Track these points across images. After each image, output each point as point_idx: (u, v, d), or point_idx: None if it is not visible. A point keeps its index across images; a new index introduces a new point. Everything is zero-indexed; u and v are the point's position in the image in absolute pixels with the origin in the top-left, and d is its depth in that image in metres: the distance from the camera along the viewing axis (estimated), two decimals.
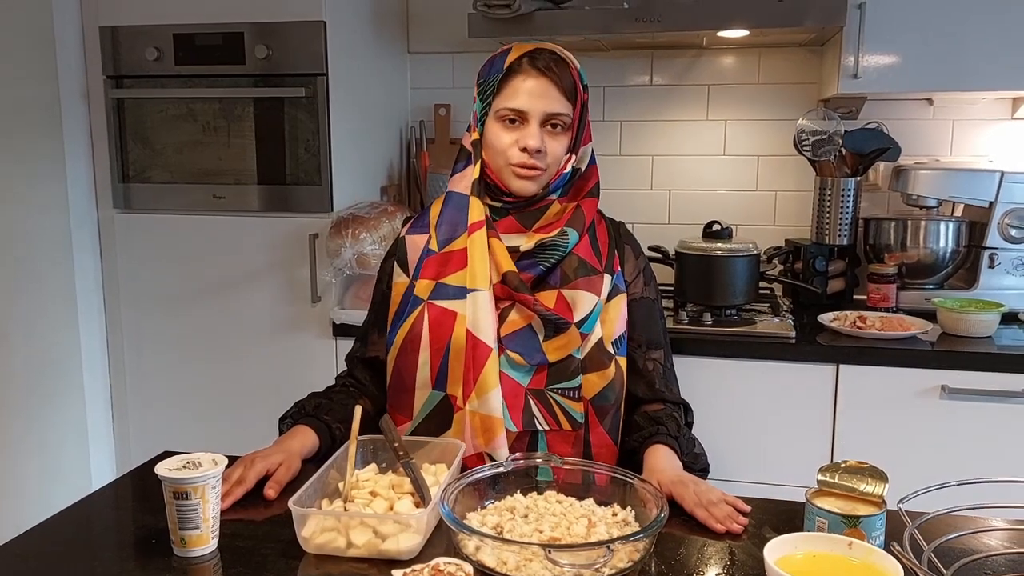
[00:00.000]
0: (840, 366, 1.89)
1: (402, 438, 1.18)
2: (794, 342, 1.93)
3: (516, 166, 1.35)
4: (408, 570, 0.95)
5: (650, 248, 2.08)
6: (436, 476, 1.16)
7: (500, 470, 1.15)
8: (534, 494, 1.13)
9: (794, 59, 2.44)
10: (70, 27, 2.22)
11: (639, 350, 1.42)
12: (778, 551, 0.91)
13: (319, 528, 1.03)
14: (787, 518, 1.11)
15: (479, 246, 1.35)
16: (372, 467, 1.20)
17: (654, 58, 2.53)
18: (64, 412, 2.27)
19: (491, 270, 1.35)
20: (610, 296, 1.39)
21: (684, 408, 1.43)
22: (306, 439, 1.32)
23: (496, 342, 1.32)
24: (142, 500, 1.21)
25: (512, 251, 1.37)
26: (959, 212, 2.30)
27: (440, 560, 0.95)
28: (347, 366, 1.51)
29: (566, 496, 1.13)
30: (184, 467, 1.03)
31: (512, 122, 1.35)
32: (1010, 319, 2.07)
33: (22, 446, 2.18)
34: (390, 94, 2.55)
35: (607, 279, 1.39)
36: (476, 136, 1.40)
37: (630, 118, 2.56)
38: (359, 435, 1.17)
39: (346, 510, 1.07)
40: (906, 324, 2.00)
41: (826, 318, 2.05)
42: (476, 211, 1.37)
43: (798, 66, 2.44)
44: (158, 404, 2.33)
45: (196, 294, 2.26)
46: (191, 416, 2.30)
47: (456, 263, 1.37)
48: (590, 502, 1.12)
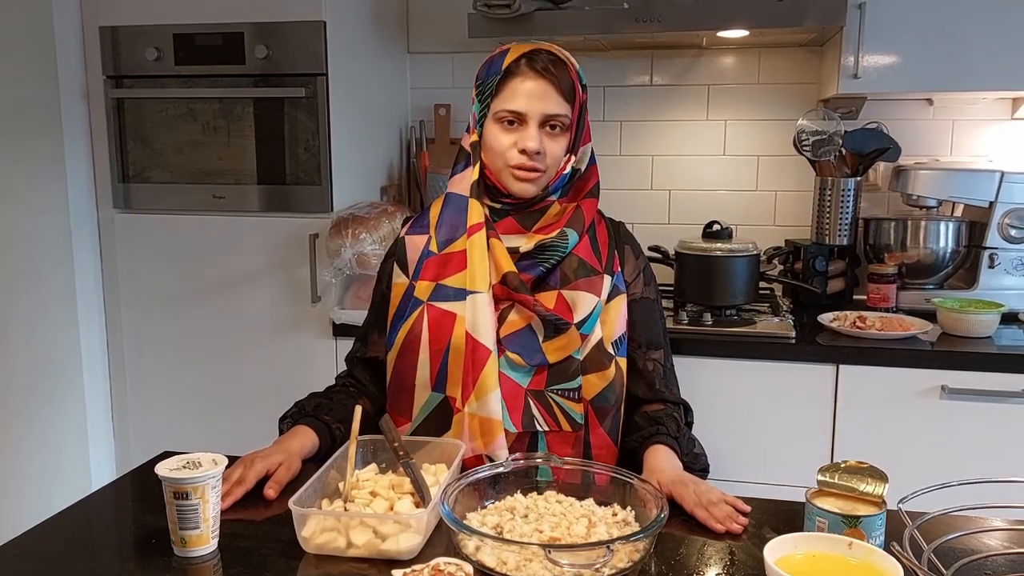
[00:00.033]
0: (840, 366, 1.89)
1: (402, 438, 1.18)
2: (794, 342, 1.93)
3: (515, 168, 1.35)
4: (408, 570, 0.95)
5: (650, 248, 2.08)
6: (436, 476, 1.16)
7: (500, 470, 1.15)
8: (534, 494, 1.13)
9: (794, 59, 2.44)
10: (70, 27, 2.22)
11: (639, 350, 1.42)
12: (778, 551, 0.91)
13: (319, 528, 1.03)
14: (787, 518, 1.11)
15: (478, 248, 1.35)
16: (372, 467, 1.20)
17: (654, 58, 2.53)
18: (64, 412, 2.27)
19: (491, 271, 1.35)
20: (610, 297, 1.39)
21: (684, 408, 1.43)
22: (306, 439, 1.32)
23: (495, 344, 1.32)
24: (142, 500, 1.21)
25: (512, 252, 1.37)
26: (959, 212, 2.30)
27: (440, 560, 0.95)
28: (347, 366, 1.51)
29: (566, 496, 1.13)
30: (184, 467, 1.03)
31: (511, 124, 1.35)
32: (1010, 319, 2.07)
33: (22, 446, 2.18)
34: (390, 94, 2.55)
35: (607, 280, 1.39)
36: (475, 138, 1.40)
37: (630, 118, 2.56)
38: (359, 435, 1.17)
39: (346, 510, 1.07)
40: (906, 324, 2.00)
41: (826, 318, 2.05)
42: (475, 213, 1.37)
43: (798, 66, 2.44)
44: (158, 404, 2.33)
45: (196, 294, 2.26)
46: (191, 416, 2.30)
47: (456, 265, 1.37)
48: (590, 502, 1.12)
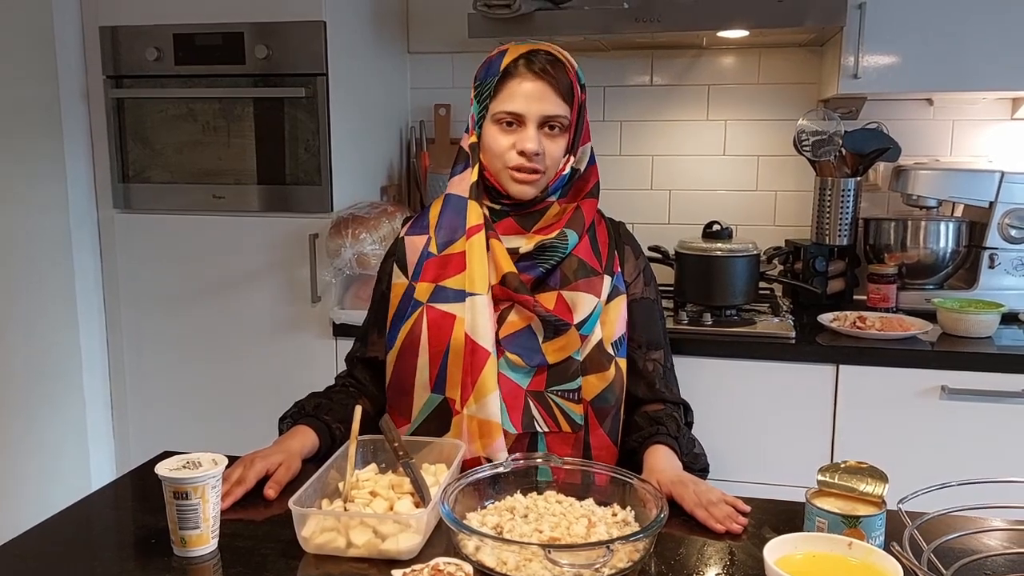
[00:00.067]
0: (840, 366, 1.89)
1: (402, 438, 1.18)
2: (794, 342, 1.93)
3: (514, 169, 1.35)
4: (408, 570, 0.95)
5: (650, 248, 2.08)
6: (436, 476, 1.16)
7: (500, 470, 1.15)
8: (534, 494, 1.13)
9: (794, 59, 2.44)
10: (70, 27, 2.22)
11: (639, 351, 1.42)
12: (778, 551, 0.91)
13: (319, 528, 1.03)
14: (787, 518, 1.11)
15: (477, 250, 1.35)
16: (372, 467, 1.20)
17: (654, 58, 2.53)
18: (64, 412, 2.27)
19: (491, 272, 1.35)
20: (610, 297, 1.38)
21: (684, 408, 1.43)
22: (306, 439, 1.31)
23: (494, 346, 1.32)
24: (142, 500, 1.21)
25: (512, 252, 1.36)
26: (959, 212, 2.30)
27: (440, 560, 0.95)
28: (347, 366, 1.51)
29: (566, 496, 1.13)
30: (184, 467, 1.03)
31: (509, 125, 1.35)
32: (1010, 319, 2.07)
33: (21, 446, 2.18)
34: (390, 94, 2.55)
35: (607, 280, 1.38)
36: (474, 139, 1.40)
37: (630, 118, 2.56)
38: (359, 435, 1.17)
39: (346, 510, 1.07)
40: (906, 324, 2.00)
41: (826, 318, 2.05)
42: (474, 214, 1.37)
43: (798, 66, 2.44)
44: (158, 404, 2.33)
45: (196, 294, 2.26)
46: (191, 416, 2.30)
47: (455, 266, 1.37)
48: (590, 502, 1.12)
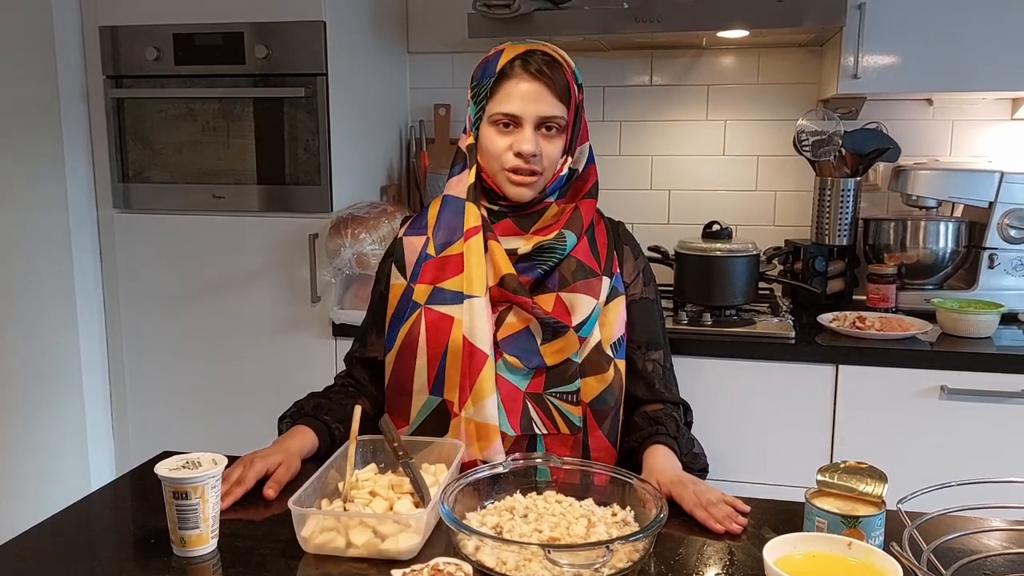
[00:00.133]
0: (839, 366, 1.89)
1: (401, 438, 1.18)
2: (793, 342, 1.93)
3: (511, 171, 1.34)
4: (408, 570, 0.95)
5: (650, 248, 2.08)
6: (436, 476, 1.16)
7: (499, 470, 1.15)
8: (533, 494, 1.13)
9: (794, 59, 2.44)
10: (70, 27, 2.22)
11: (639, 351, 1.42)
12: (777, 551, 0.91)
13: (319, 528, 1.03)
14: (786, 518, 1.11)
15: (475, 252, 1.35)
16: (372, 467, 1.20)
17: (654, 58, 2.53)
18: (63, 412, 2.27)
19: (489, 273, 1.34)
20: (609, 299, 1.38)
21: (683, 408, 1.43)
22: (305, 439, 1.31)
23: (492, 349, 1.32)
24: (142, 500, 1.21)
25: (510, 254, 1.36)
26: (959, 212, 2.30)
27: (440, 560, 0.95)
28: (346, 366, 1.51)
29: (565, 496, 1.13)
30: (184, 467, 1.03)
31: (506, 126, 1.34)
32: (1009, 319, 2.07)
33: (21, 446, 2.18)
34: (390, 94, 2.55)
35: (606, 282, 1.38)
36: (471, 140, 1.40)
37: (630, 118, 2.56)
38: (359, 435, 1.17)
39: (346, 510, 1.07)
40: (905, 324, 2.00)
41: (825, 318, 2.05)
42: (472, 216, 1.37)
43: (798, 66, 2.44)
44: (157, 404, 2.33)
45: (196, 294, 2.26)
46: (191, 416, 2.30)
47: (453, 268, 1.37)
48: (589, 502, 1.12)
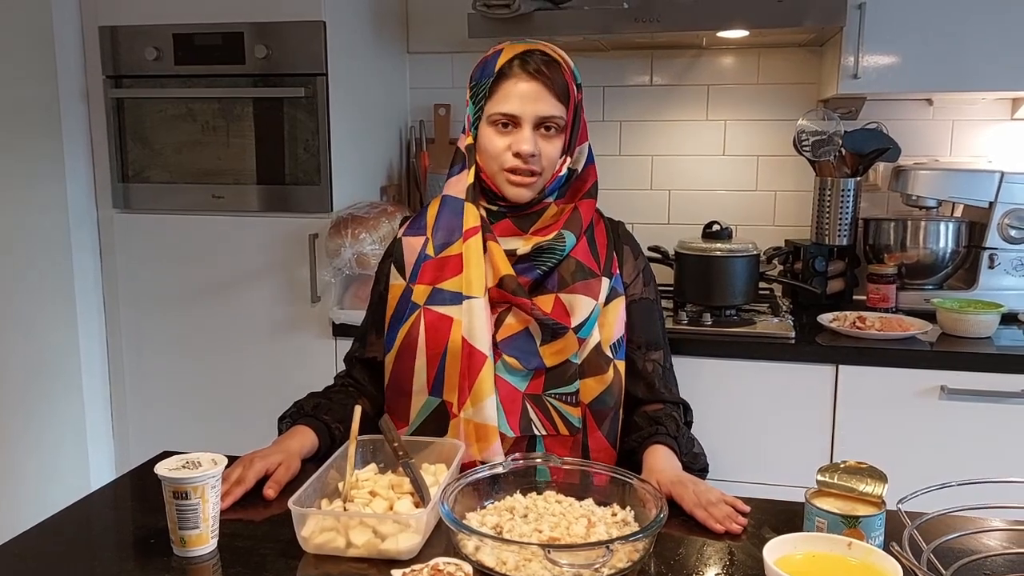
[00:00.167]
0: (839, 366, 1.89)
1: (401, 438, 1.18)
2: (793, 342, 1.93)
3: (509, 171, 1.34)
4: (407, 570, 0.95)
5: (650, 248, 2.08)
6: (436, 476, 1.16)
7: (499, 470, 1.14)
8: (533, 494, 1.13)
9: (794, 59, 2.44)
10: (69, 27, 2.22)
11: (639, 351, 1.41)
12: (777, 551, 0.91)
13: (318, 528, 1.03)
14: (786, 518, 1.11)
15: (474, 252, 1.34)
16: (372, 467, 1.20)
17: (654, 58, 2.53)
18: (63, 412, 2.27)
19: (488, 274, 1.34)
20: (608, 299, 1.38)
21: (683, 408, 1.43)
22: (305, 439, 1.31)
23: (491, 350, 1.31)
24: (141, 500, 1.21)
25: (509, 254, 1.36)
26: (959, 212, 2.30)
27: (439, 560, 0.95)
28: (345, 366, 1.51)
29: (565, 496, 1.13)
30: (184, 467, 1.03)
31: (505, 126, 1.34)
32: (1009, 320, 2.07)
33: (21, 446, 2.18)
34: (390, 94, 2.55)
35: (605, 282, 1.38)
36: (470, 140, 1.39)
37: (630, 118, 2.56)
38: (358, 435, 1.17)
39: (345, 510, 1.07)
40: (905, 324, 2.00)
41: (825, 318, 2.05)
42: (471, 217, 1.36)
43: (798, 66, 2.44)
44: (157, 404, 2.33)
45: (196, 294, 2.26)
46: (191, 416, 2.30)
47: (452, 268, 1.36)
48: (589, 502, 1.12)
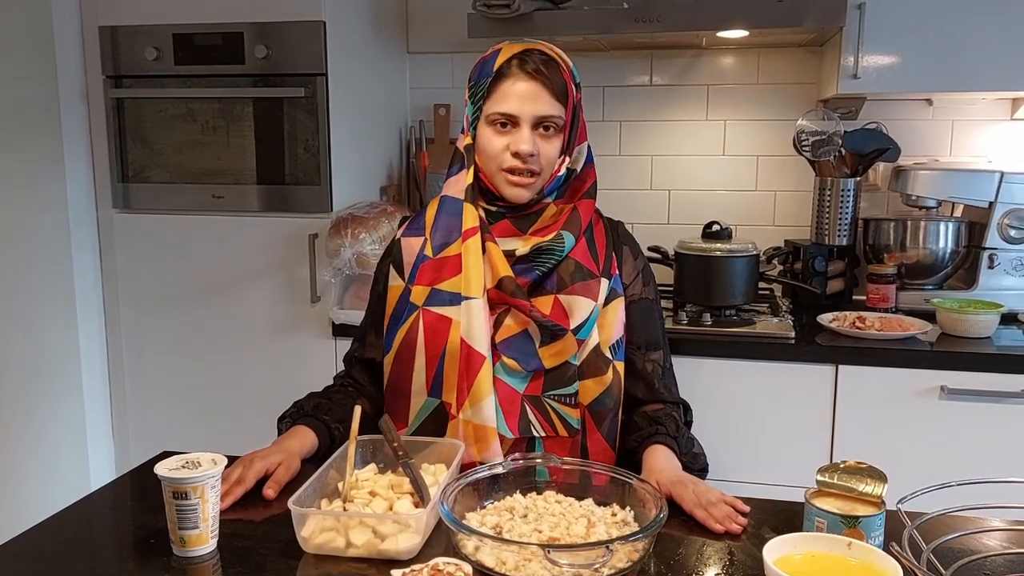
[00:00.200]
0: (839, 366, 1.89)
1: (401, 438, 1.18)
2: (793, 342, 1.93)
3: (508, 171, 1.34)
4: (407, 570, 0.95)
5: (649, 248, 2.08)
6: (435, 476, 1.16)
7: (499, 471, 1.14)
8: (533, 494, 1.13)
9: (794, 59, 2.44)
10: (69, 27, 2.22)
11: (638, 352, 1.41)
12: (777, 551, 0.91)
13: (318, 528, 1.03)
14: (786, 518, 1.11)
15: (473, 253, 1.34)
16: (371, 467, 1.20)
17: (654, 58, 2.53)
18: (63, 412, 2.27)
19: (487, 275, 1.34)
20: (607, 300, 1.38)
21: (683, 408, 1.43)
22: (305, 439, 1.31)
23: (490, 351, 1.31)
24: (141, 500, 1.21)
25: (508, 255, 1.35)
26: (959, 212, 2.30)
27: (439, 560, 0.95)
28: (345, 366, 1.51)
29: (565, 496, 1.13)
30: (183, 467, 1.03)
31: (503, 126, 1.34)
32: (1009, 320, 2.07)
33: (21, 446, 2.18)
34: (390, 94, 2.55)
35: (604, 283, 1.37)
36: (469, 140, 1.39)
37: (630, 118, 2.56)
38: (358, 435, 1.17)
39: (345, 510, 1.07)
40: (905, 324, 2.00)
41: (825, 318, 2.05)
42: (470, 217, 1.36)
43: (798, 66, 2.44)
44: (157, 404, 2.32)
45: (196, 294, 2.26)
46: (191, 416, 2.30)
47: (451, 269, 1.36)
48: (589, 502, 1.12)
